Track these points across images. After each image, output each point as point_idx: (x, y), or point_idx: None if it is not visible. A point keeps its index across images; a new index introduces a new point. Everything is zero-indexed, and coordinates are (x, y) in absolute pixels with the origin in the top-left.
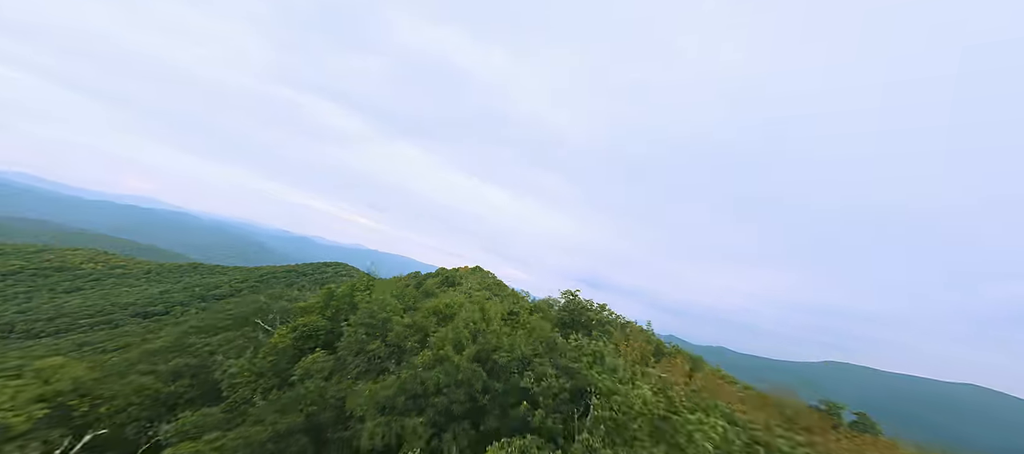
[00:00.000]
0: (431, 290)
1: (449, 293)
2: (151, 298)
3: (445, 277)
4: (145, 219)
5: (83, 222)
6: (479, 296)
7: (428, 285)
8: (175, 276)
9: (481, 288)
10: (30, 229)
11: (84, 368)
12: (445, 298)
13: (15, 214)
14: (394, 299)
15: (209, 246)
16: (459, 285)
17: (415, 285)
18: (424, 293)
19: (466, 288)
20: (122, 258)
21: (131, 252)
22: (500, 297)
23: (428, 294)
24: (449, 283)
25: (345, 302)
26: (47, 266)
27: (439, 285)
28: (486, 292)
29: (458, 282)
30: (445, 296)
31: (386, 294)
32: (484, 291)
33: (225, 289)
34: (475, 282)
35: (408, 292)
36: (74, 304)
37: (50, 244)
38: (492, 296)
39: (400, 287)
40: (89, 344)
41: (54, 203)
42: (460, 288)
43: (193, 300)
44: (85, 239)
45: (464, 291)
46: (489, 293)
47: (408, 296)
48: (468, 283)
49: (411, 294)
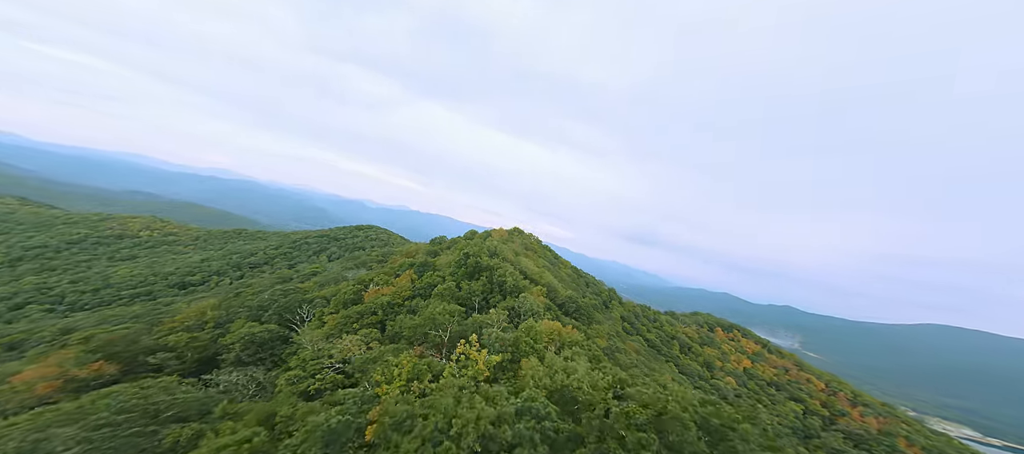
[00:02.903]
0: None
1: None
2: (192, 267)
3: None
4: (222, 188)
5: (175, 193)
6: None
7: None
8: (220, 242)
9: (523, 252)
10: (142, 200)
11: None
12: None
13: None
14: None
15: (274, 211)
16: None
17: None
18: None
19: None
20: (175, 225)
21: (211, 218)
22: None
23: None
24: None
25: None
26: (109, 234)
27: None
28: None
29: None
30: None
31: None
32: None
33: (260, 257)
34: (517, 247)
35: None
36: (121, 274)
37: (153, 213)
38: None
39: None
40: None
41: (153, 176)
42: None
43: (229, 268)
44: (179, 208)
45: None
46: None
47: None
48: (508, 248)
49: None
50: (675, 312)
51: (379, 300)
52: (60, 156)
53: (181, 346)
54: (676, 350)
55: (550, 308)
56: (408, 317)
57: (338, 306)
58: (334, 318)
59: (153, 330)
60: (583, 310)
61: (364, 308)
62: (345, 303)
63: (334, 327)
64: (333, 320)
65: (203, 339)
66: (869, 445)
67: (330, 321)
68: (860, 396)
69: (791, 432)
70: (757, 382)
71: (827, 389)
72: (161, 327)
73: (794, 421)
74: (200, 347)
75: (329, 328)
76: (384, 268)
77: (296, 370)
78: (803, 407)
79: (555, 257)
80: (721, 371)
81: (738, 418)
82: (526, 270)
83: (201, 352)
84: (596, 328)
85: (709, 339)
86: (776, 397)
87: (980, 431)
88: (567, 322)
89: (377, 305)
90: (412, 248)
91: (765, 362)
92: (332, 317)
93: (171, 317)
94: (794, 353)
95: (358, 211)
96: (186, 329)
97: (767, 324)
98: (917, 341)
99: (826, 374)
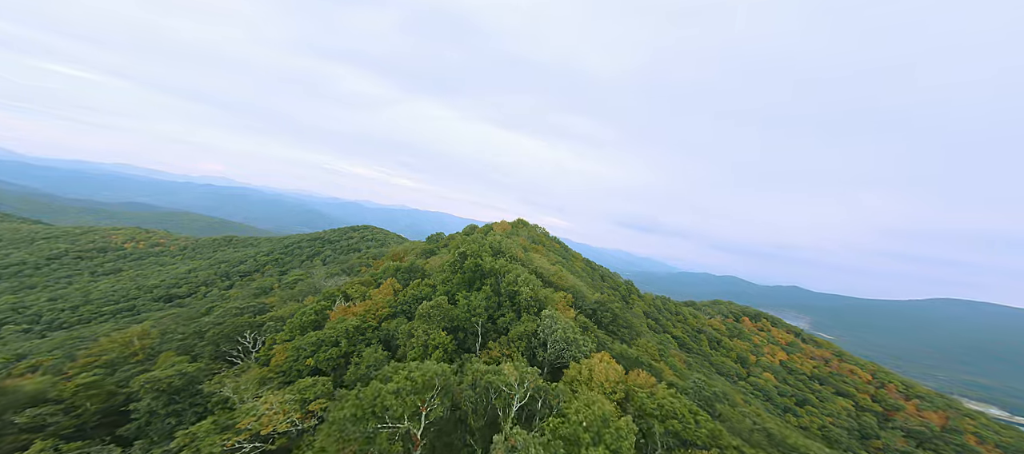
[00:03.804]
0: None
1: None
2: (178, 278)
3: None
4: (219, 196)
5: (172, 203)
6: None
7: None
8: (208, 250)
9: (531, 248)
10: (139, 212)
11: None
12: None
13: (125, 200)
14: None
15: (272, 217)
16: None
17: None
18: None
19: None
20: (161, 235)
21: (209, 227)
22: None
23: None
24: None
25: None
26: (90, 248)
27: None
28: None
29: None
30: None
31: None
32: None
33: (250, 264)
34: (523, 241)
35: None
36: (102, 288)
37: (143, 225)
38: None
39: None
40: (82, 341)
41: (150, 187)
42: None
43: (218, 278)
44: (176, 218)
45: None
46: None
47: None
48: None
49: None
50: (694, 301)
51: (344, 324)
52: (58, 171)
53: (68, 397)
54: (705, 346)
55: (586, 327)
56: (374, 352)
57: (293, 331)
58: (283, 350)
59: (67, 366)
60: (620, 318)
61: (325, 335)
62: (302, 327)
63: (283, 363)
64: (281, 353)
65: (106, 385)
66: (935, 445)
67: (278, 354)
68: (913, 387)
69: (846, 433)
70: (797, 377)
71: (874, 381)
72: (75, 364)
73: (847, 420)
74: (101, 396)
75: (276, 365)
76: (363, 276)
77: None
78: (852, 402)
79: (565, 250)
80: (757, 366)
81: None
82: (541, 271)
83: (105, 401)
84: (642, 344)
85: (737, 330)
86: (821, 393)
87: (1007, 410)
88: (604, 338)
89: (340, 332)
90: (400, 249)
91: (801, 353)
92: (281, 348)
93: (87, 350)
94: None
95: (358, 213)
96: (106, 366)
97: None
98: (929, 317)
99: (869, 364)
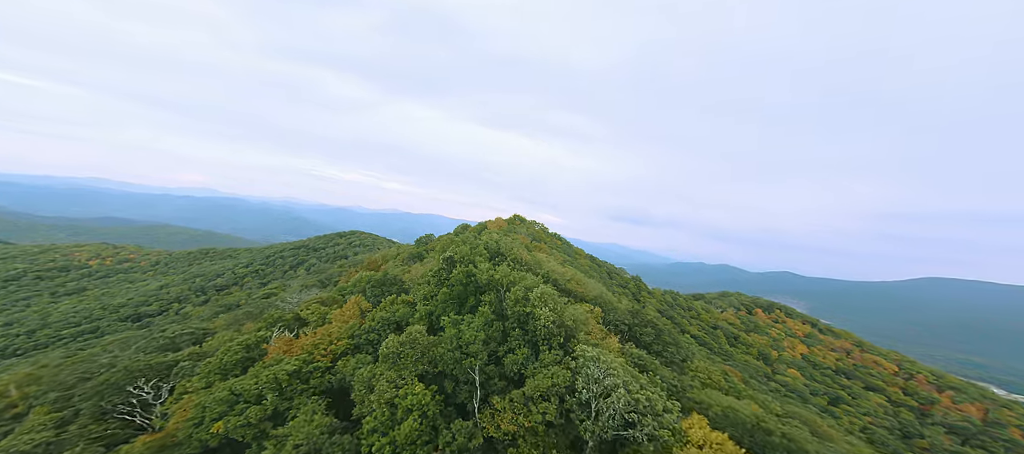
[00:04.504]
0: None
1: None
2: (148, 295)
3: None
4: (201, 207)
5: (150, 216)
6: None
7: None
8: (183, 264)
9: (533, 247)
10: (113, 226)
11: None
12: None
13: (98, 214)
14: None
15: (259, 226)
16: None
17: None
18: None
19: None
20: (131, 250)
21: (191, 239)
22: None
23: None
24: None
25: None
26: (51, 267)
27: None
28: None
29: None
30: None
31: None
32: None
33: (228, 278)
34: (524, 240)
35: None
36: (62, 310)
37: (110, 241)
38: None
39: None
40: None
41: (125, 200)
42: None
43: (192, 293)
44: (153, 231)
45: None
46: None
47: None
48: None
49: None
50: (703, 293)
51: (274, 370)
52: (21, 187)
53: None
54: (724, 343)
55: (642, 363)
56: (308, 420)
57: (211, 376)
58: (190, 403)
59: None
60: (666, 336)
61: (247, 386)
62: (224, 370)
63: (182, 427)
64: (183, 413)
65: None
66: (981, 441)
67: (179, 413)
68: (943, 378)
69: (887, 432)
70: (822, 372)
71: (901, 372)
72: None
73: (886, 418)
74: None
75: (174, 429)
76: (328, 292)
77: None
78: (885, 397)
79: (568, 246)
80: (779, 362)
81: None
82: (555, 276)
83: None
84: (702, 370)
85: (752, 323)
86: (851, 389)
87: (1004, 388)
88: (647, 360)
89: (267, 382)
90: (377, 257)
91: (821, 345)
92: (188, 399)
93: None
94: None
95: (349, 218)
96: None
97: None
98: (920, 296)
99: (893, 353)
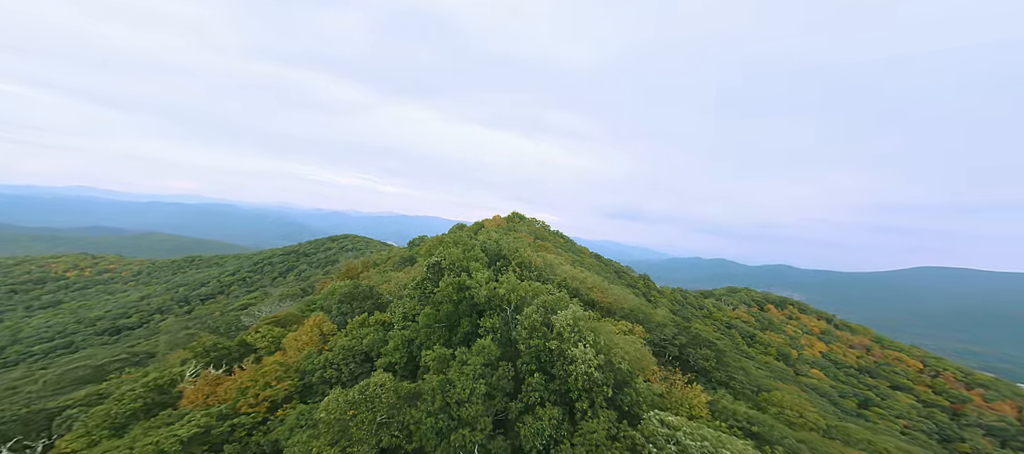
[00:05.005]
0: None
1: None
2: (127, 307)
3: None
4: (191, 214)
5: (139, 224)
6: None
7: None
8: (167, 273)
9: (536, 242)
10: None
11: None
12: None
13: (84, 224)
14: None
15: (253, 233)
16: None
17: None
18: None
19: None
20: (111, 259)
21: (180, 246)
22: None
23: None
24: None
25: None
26: (26, 279)
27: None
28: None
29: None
30: None
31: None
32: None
33: (213, 286)
34: (527, 238)
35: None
36: (35, 324)
37: (91, 251)
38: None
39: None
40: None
41: (112, 209)
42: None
43: (174, 304)
44: (142, 240)
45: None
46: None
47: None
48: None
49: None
50: (712, 290)
51: (165, 435)
52: (3, 198)
53: None
54: (741, 343)
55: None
56: None
57: (99, 432)
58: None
59: None
60: (725, 355)
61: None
62: (115, 424)
63: None
64: None
65: None
66: (1021, 442)
67: None
68: (971, 374)
69: (926, 436)
70: (846, 372)
71: (926, 369)
72: None
73: (921, 420)
74: None
75: None
76: (286, 310)
77: None
78: (914, 397)
79: (572, 245)
80: (801, 362)
81: None
82: (576, 283)
83: None
84: (786, 402)
85: (766, 321)
86: (878, 389)
87: (1006, 377)
88: (725, 405)
89: (157, 447)
90: (356, 264)
91: (839, 342)
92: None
93: None
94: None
95: (344, 223)
96: None
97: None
98: (913, 285)
99: (916, 349)
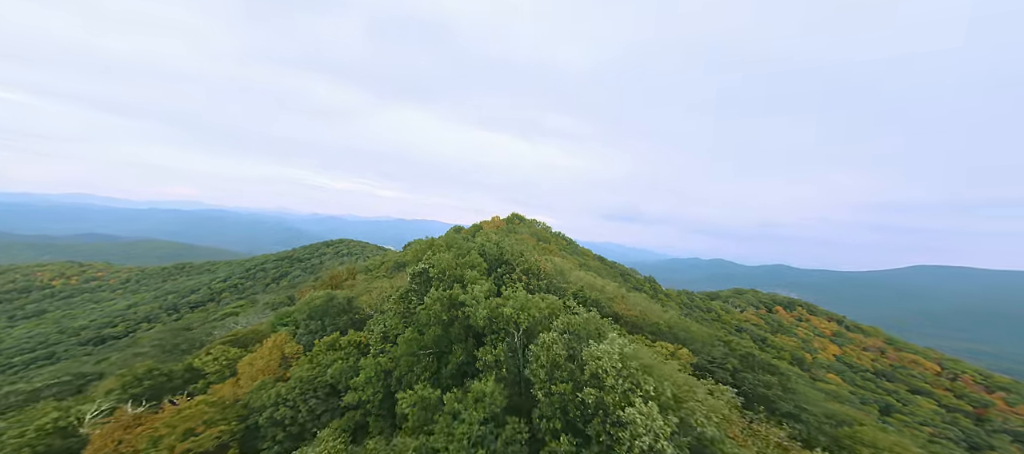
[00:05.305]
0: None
1: None
2: (113, 316)
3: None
4: (188, 220)
5: (135, 231)
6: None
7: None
8: (156, 281)
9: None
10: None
11: None
12: None
13: (79, 231)
14: None
15: (249, 239)
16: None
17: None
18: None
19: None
20: (99, 267)
21: (176, 253)
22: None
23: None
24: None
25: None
26: (10, 288)
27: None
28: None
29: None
30: None
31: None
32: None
33: (203, 293)
34: (529, 240)
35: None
36: (16, 335)
37: (84, 259)
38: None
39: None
40: None
41: (108, 216)
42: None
43: (162, 312)
44: (138, 247)
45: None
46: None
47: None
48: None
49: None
50: (719, 292)
51: None
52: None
53: None
54: (752, 347)
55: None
56: None
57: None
58: None
59: None
60: (788, 380)
61: None
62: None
63: None
64: None
65: None
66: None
67: None
68: (990, 377)
69: (953, 444)
70: (863, 376)
71: (944, 372)
72: None
73: (946, 427)
74: None
75: None
76: (262, 321)
77: None
78: (935, 402)
79: (574, 246)
80: (816, 366)
81: None
82: (588, 291)
83: None
84: (871, 438)
85: (776, 323)
86: (898, 393)
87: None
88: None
89: None
90: (340, 270)
91: (852, 344)
92: None
93: None
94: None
95: (342, 227)
96: None
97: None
98: (913, 284)
99: (932, 351)
